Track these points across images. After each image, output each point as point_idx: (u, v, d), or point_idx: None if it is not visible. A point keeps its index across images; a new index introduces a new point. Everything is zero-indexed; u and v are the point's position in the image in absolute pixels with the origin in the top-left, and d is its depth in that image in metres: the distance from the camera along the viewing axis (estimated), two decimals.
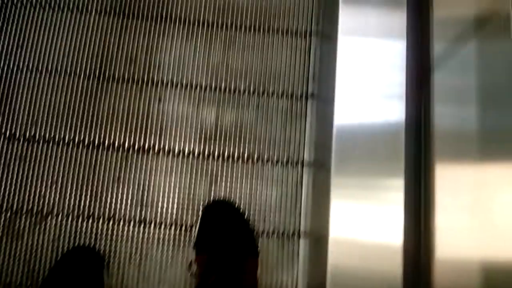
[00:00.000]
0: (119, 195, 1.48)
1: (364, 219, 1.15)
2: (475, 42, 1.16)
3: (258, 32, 1.61)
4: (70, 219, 1.44)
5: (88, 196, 1.46)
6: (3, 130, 1.49)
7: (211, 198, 1.47)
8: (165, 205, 1.46)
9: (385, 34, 1.23)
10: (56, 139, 1.49)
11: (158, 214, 1.45)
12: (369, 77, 1.21)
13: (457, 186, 1.08)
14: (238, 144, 1.52)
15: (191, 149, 1.51)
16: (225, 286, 1.27)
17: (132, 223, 1.44)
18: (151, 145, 1.50)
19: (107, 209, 1.46)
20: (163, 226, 1.44)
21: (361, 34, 1.26)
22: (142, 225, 1.44)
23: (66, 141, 1.49)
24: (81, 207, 1.45)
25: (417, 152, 1.18)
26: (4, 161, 1.47)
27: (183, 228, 1.45)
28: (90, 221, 1.44)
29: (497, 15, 1.18)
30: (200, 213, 1.44)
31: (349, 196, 1.17)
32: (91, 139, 1.50)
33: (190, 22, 1.61)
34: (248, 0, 1.64)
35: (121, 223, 1.43)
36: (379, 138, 1.18)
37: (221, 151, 1.51)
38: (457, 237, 1.06)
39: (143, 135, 1.51)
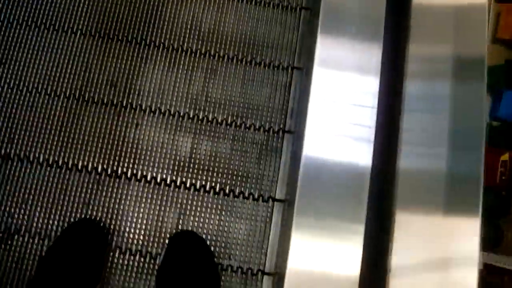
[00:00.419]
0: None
1: (323, 258, 1.11)
2: (449, 83, 1.13)
3: (241, 63, 1.59)
4: (37, 239, 1.41)
5: (57, 218, 1.43)
6: None
7: (179, 228, 1.44)
8: (132, 232, 1.43)
9: (360, 69, 1.19)
10: (31, 158, 1.47)
11: (125, 240, 1.42)
12: (340, 114, 1.18)
13: (417, 235, 1.05)
14: (211, 175, 1.49)
15: (164, 177, 1.48)
16: None
17: None
18: (124, 170, 1.48)
19: None
20: (128, 253, 1.42)
21: (336, 69, 1.22)
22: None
23: (40, 161, 1.47)
24: (49, 228, 1.42)
25: (380, 198, 1.15)
26: None
27: (148, 256, 1.41)
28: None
29: (473, 57, 1.15)
30: (166, 243, 1.41)
31: (309, 235, 1.13)
32: (65, 160, 1.47)
33: (173, 48, 1.59)
34: (233, 30, 1.61)
35: None
36: (344, 179, 1.15)
37: (193, 182, 1.48)
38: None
39: (117, 159, 1.49)
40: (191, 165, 1.49)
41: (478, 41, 1.15)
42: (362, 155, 1.13)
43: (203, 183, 1.48)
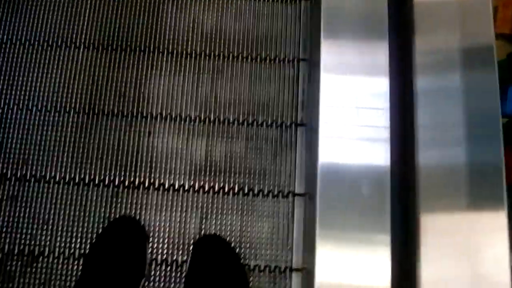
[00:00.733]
0: None
1: (351, 257, 1.07)
2: (460, 75, 1.09)
3: (246, 61, 1.55)
4: (61, 259, 1.39)
5: (79, 235, 1.40)
6: None
7: (202, 233, 1.41)
8: (155, 242, 1.40)
9: (367, 69, 1.15)
10: (47, 178, 1.44)
11: (149, 251, 1.38)
12: (352, 102, 1.14)
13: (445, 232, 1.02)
14: (229, 176, 1.45)
15: (182, 183, 1.45)
16: None
17: None
18: (141, 180, 1.44)
19: None
20: (153, 264, 1.38)
21: (343, 61, 1.18)
22: None
23: (57, 180, 1.44)
24: (72, 247, 1.40)
25: (402, 195, 1.11)
26: None
27: (174, 265, 1.38)
28: (82, 261, 1.37)
29: (481, 46, 1.10)
30: (191, 249, 1.37)
31: (335, 228, 1.09)
32: (81, 176, 1.44)
33: (178, 53, 1.55)
34: (236, 29, 1.57)
35: None
36: (364, 172, 1.11)
37: (211, 184, 1.45)
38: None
39: (133, 170, 1.45)
40: (208, 168, 1.46)
41: (485, 29, 1.11)
42: (381, 145, 1.09)
43: (222, 185, 1.45)
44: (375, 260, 1.04)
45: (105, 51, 1.54)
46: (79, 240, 1.40)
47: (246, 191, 1.44)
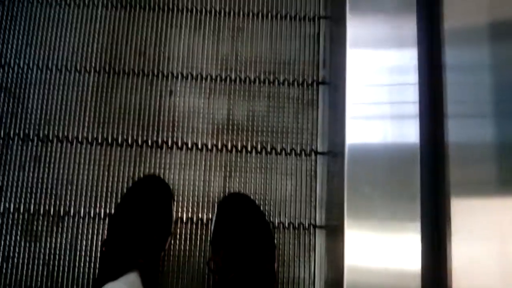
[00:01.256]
0: None
1: (381, 210, 1.05)
2: (489, 50, 1.05)
3: (266, 19, 1.50)
4: (87, 219, 1.36)
5: (104, 195, 1.38)
6: (16, 131, 1.41)
7: (226, 191, 1.38)
8: (180, 201, 1.37)
9: (397, 42, 1.10)
10: (70, 138, 1.41)
11: (174, 210, 1.36)
12: (380, 62, 1.10)
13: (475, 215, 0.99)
14: (251, 135, 1.42)
15: (204, 142, 1.42)
16: (244, 281, 1.21)
17: None
18: (164, 140, 1.41)
19: None
20: (179, 223, 1.36)
21: (370, 17, 1.13)
22: None
23: (80, 140, 1.40)
24: (98, 206, 1.37)
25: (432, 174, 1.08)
26: (19, 163, 1.39)
27: (199, 223, 1.36)
28: (107, 220, 1.35)
29: (509, 23, 1.06)
30: (216, 207, 1.35)
31: (364, 183, 1.07)
32: (104, 136, 1.41)
33: (197, 11, 1.50)
34: None
35: None
36: (390, 128, 1.08)
37: (234, 143, 1.42)
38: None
39: (155, 130, 1.42)
40: (230, 127, 1.43)
41: None
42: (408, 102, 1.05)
43: (244, 143, 1.42)
44: (405, 215, 1.02)
45: (124, 10, 1.49)
46: (104, 199, 1.38)
47: (268, 149, 1.41)
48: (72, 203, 1.37)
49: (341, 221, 1.05)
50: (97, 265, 1.33)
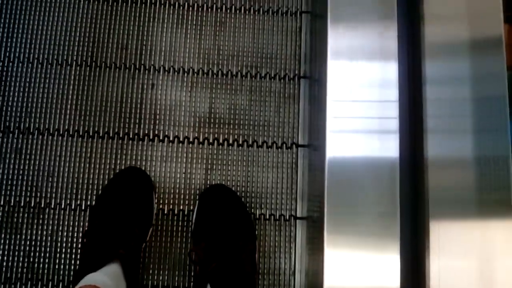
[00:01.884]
0: None
1: (359, 201, 1.03)
2: (468, 66, 1.04)
3: (248, 13, 1.49)
4: (68, 211, 1.34)
5: (85, 187, 1.36)
6: None
7: (208, 184, 1.36)
8: (161, 193, 1.35)
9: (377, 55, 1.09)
10: (51, 130, 1.38)
11: (155, 201, 1.34)
12: (361, 59, 1.08)
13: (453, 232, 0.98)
14: (233, 128, 1.41)
15: (186, 135, 1.40)
16: (225, 272, 1.19)
17: None
18: (146, 132, 1.39)
19: None
20: (160, 214, 1.34)
21: (351, 12, 1.12)
22: None
23: (61, 132, 1.38)
24: (79, 198, 1.35)
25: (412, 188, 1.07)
26: (0, 155, 1.35)
27: (181, 215, 1.34)
28: (88, 212, 1.32)
29: (489, 36, 1.06)
30: (197, 199, 1.33)
31: (344, 176, 1.05)
32: (86, 128, 1.39)
33: (179, 5, 1.48)
34: None
35: None
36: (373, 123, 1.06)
37: (215, 136, 1.40)
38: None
39: (137, 122, 1.40)
40: (212, 120, 1.41)
41: (494, 20, 1.06)
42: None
43: (226, 136, 1.40)
44: (386, 209, 1.01)
45: (106, 3, 1.47)
46: (85, 191, 1.36)
47: (250, 142, 1.40)
48: (53, 195, 1.35)
49: (321, 213, 1.04)
50: (78, 257, 1.30)
